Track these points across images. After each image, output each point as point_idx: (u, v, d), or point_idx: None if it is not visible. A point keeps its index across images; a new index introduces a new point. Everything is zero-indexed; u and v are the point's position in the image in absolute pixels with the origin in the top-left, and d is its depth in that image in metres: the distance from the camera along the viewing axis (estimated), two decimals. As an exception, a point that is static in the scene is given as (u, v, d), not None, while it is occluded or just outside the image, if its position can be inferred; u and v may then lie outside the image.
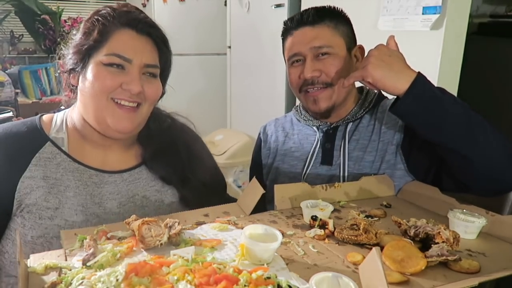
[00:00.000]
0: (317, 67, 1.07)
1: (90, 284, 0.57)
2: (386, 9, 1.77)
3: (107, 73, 0.88)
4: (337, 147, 1.11)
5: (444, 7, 1.57)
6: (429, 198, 0.95)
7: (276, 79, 2.60)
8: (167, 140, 1.01)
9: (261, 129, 1.31)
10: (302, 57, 1.09)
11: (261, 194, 0.87)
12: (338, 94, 1.08)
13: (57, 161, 0.91)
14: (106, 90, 0.88)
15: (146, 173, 0.99)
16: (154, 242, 0.69)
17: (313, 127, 1.17)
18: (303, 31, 1.09)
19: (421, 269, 0.64)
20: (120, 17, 0.90)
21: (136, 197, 0.96)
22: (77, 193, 0.90)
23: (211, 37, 3.51)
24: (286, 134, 1.23)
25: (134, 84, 0.88)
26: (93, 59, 0.89)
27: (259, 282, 0.56)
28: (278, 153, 1.22)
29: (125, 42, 0.89)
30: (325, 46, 1.06)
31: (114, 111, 0.89)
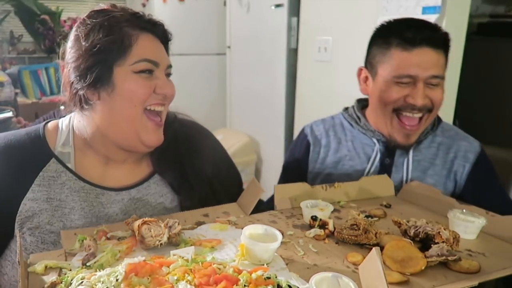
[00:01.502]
0: (427, 93, 1.00)
1: (90, 284, 0.57)
2: (385, 9, 1.77)
3: (141, 80, 0.83)
4: (397, 163, 1.08)
5: (443, 7, 1.57)
6: (429, 198, 0.95)
7: (275, 79, 2.60)
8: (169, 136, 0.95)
9: (307, 130, 1.22)
10: (413, 80, 1.00)
11: (261, 194, 0.87)
12: (427, 124, 1.06)
13: (62, 180, 0.86)
14: (143, 99, 0.83)
15: (154, 187, 0.93)
16: (154, 242, 0.69)
17: (373, 139, 1.11)
18: (426, 53, 0.99)
19: (421, 269, 0.64)
20: (135, 21, 0.85)
21: (144, 216, 0.88)
22: (82, 216, 0.85)
23: (211, 37, 3.50)
24: (339, 140, 1.16)
25: (168, 87, 0.87)
26: (118, 68, 0.82)
27: (259, 282, 0.56)
28: (329, 159, 1.16)
29: (149, 46, 0.85)
30: (440, 77, 1.00)
31: (147, 124, 0.86)
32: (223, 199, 0.97)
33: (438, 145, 1.09)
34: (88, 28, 0.82)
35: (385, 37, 1.04)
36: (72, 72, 0.83)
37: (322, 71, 2.17)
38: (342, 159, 1.14)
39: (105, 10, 0.86)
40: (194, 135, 1.04)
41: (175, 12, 3.34)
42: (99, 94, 0.83)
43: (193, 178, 0.96)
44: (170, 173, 0.95)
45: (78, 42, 0.83)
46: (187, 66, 3.48)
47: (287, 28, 2.43)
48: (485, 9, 2.52)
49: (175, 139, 0.97)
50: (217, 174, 1.01)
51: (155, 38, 0.87)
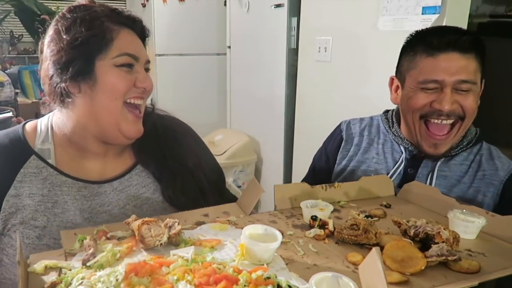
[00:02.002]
0: (455, 99, 0.97)
1: (90, 284, 0.57)
2: (386, 9, 1.77)
3: (121, 74, 0.85)
4: (420, 175, 1.05)
5: (443, 7, 1.57)
6: (429, 198, 0.95)
7: (276, 79, 2.60)
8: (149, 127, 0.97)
9: (344, 125, 1.21)
10: (440, 85, 0.97)
11: (261, 194, 0.87)
12: (460, 133, 1.01)
13: (43, 175, 0.87)
14: (124, 92, 0.85)
15: (136, 179, 0.95)
16: (154, 242, 0.69)
17: (401, 146, 1.09)
18: (451, 57, 0.96)
19: (421, 269, 0.64)
20: (115, 16, 0.88)
21: (127, 207, 0.92)
22: (66, 209, 0.86)
23: (211, 37, 3.50)
24: (370, 141, 1.15)
25: (148, 81, 0.89)
26: (99, 61, 0.84)
27: (259, 282, 0.56)
28: (356, 158, 1.15)
29: (129, 41, 0.88)
30: (470, 82, 0.96)
31: (127, 117, 0.88)
32: (206, 188, 0.99)
33: (470, 163, 1.04)
34: (69, 22, 0.84)
35: (412, 45, 1.04)
36: (51, 66, 0.84)
37: (322, 71, 2.17)
38: (369, 160, 1.13)
39: (85, 5, 0.87)
40: (173, 126, 1.05)
41: (175, 12, 3.34)
42: (80, 87, 0.84)
43: (174, 166, 0.97)
44: (152, 163, 0.96)
45: (59, 36, 0.84)
46: (187, 66, 3.48)
47: (287, 28, 2.43)
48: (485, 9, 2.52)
49: (154, 130, 0.99)
50: (198, 163, 1.03)
51: (134, 34, 0.90)
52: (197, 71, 3.52)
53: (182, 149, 1.01)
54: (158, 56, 3.34)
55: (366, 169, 1.12)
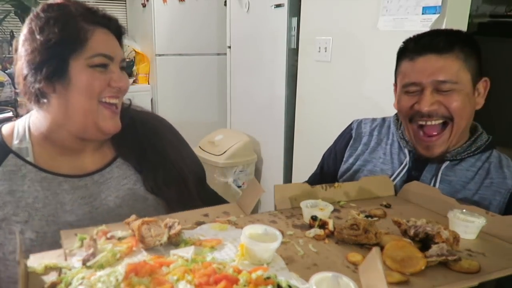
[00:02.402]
0: (436, 99, 0.97)
1: (90, 284, 0.57)
2: (386, 9, 1.77)
3: (96, 74, 0.85)
4: (424, 178, 1.04)
5: (443, 7, 1.57)
6: (429, 198, 0.95)
7: (276, 79, 2.60)
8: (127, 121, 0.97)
9: (355, 124, 1.21)
10: (420, 88, 0.99)
11: (261, 194, 0.87)
12: (455, 135, 0.99)
13: (23, 172, 0.87)
14: (97, 93, 0.86)
15: (117, 171, 0.96)
16: (154, 242, 0.69)
17: (405, 149, 1.09)
18: (428, 59, 0.97)
19: (421, 269, 0.64)
20: (90, 16, 0.87)
21: (109, 198, 0.93)
22: (47, 203, 0.87)
23: (211, 37, 3.50)
24: (379, 141, 1.15)
25: (123, 80, 0.89)
26: (73, 62, 0.84)
27: (259, 282, 0.56)
28: (363, 157, 1.15)
29: (104, 41, 0.88)
30: (449, 82, 0.95)
31: (104, 113, 0.88)
32: (188, 178, 1.00)
33: (477, 170, 1.01)
34: (42, 22, 0.83)
35: (399, 52, 1.07)
36: (26, 66, 0.84)
37: (322, 71, 2.17)
38: (376, 160, 1.13)
39: (59, 4, 0.87)
40: (151, 120, 1.06)
41: (175, 12, 3.34)
42: (55, 88, 0.85)
43: (155, 158, 0.99)
44: (132, 155, 0.98)
45: (32, 36, 0.83)
46: (187, 66, 3.48)
47: (287, 28, 2.43)
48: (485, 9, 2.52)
49: (133, 123, 1.00)
50: (178, 155, 1.04)
51: (110, 33, 0.90)
52: (197, 71, 3.52)
53: (161, 141, 1.02)
54: (158, 56, 3.34)
55: (372, 169, 1.12)
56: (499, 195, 0.98)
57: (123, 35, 0.95)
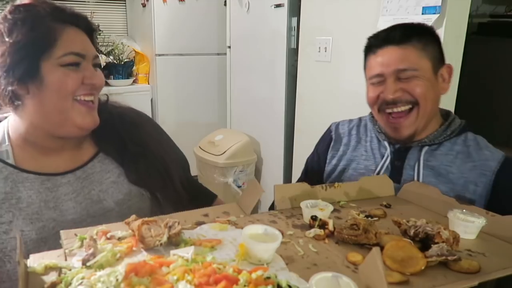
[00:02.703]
0: (399, 87, 1.02)
1: (90, 284, 0.57)
2: (386, 9, 1.77)
3: (68, 73, 0.85)
4: (407, 166, 1.08)
5: (443, 7, 1.57)
6: (429, 198, 0.95)
7: (276, 79, 2.60)
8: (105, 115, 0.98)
9: (333, 126, 1.26)
10: (384, 78, 1.05)
11: (261, 194, 0.87)
12: (421, 118, 1.03)
13: (4, 175, 0.87)
14: (71, 91, 0.86)
15: (99, 166, 0.96)
16: (154, 242, 0.69)
17: (385, 142, 1.13)
18: (388, 51, 1.04)
19: (421, 269, 0.64)
20: (58, 14, 0.87)
21: (93, 192, 0.93)
22: (30, 203, 0.87)
23: (211, 37, 3.50)
24: (359, 139, 1.19)
25: (96, 78, 0.89)
26: (45, 62, 0.84)
27: (259, 282, 0.56)
28: (346, 156, 1.18)
29: (74, 39, 0.87)
30: (410, 69, 1.01)
31: (80, 110, 0.89)
32: (170, 167, 1.01)
33: (457, 153, 1.05)
34: (10, 24, 0.83)
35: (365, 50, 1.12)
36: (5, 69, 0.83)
37: (322, 71, 2.17)
38: (358, 157, 1.16)
39: (26, 5, 0.86)
40: (128, 113, 1.06)
41: (175, 12, 3.34)
42: (28, 89, 0.85)
43: (135, 150, 0.99)
44: (112, 149, 0.98)
45: (2, 39, 0.83)
46: (187, 66, 3.48)
47: (287, 28, 2.43)
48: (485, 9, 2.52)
49: (111, 117, 1.00)
50: (158, 145, 1.05)
51: (80, 31, 0.89)
52: (197, 71, 3.52)
53: (141, 133, 1.03)
54: (158, 56, 3.34)
55: (356, 166, 1.16)
56: (484, 177, 1.00)
57: (94, 32, 0.94)
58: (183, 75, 3.48)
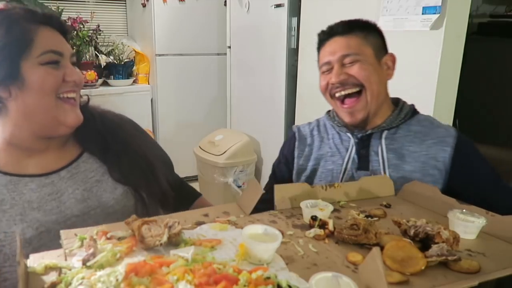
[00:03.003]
0: (344, 71, 1.10)
1: (90, 284, 0.57)
2: (386, 9, 1.77)
3: (49, 71, 0.86)
4: (372, 153, 1.13)
5: (444, 7, 1.57)
6: (429, 198, 0.95)
7: (276, 79, 2.60)
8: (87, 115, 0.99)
9: (295, 129, 1.32)
10: (331, 66, 1.13)
11: (261, 194, 0.87)
12: (371, 102, 1.10)
13: None
14: (54, 89, 0.87)
15: (84, 166, 0.97)
16: (154, 242, 0.69)
17: (347, 134, 1.18)
18: (334, 40, 1.14)
19: (421, 269, 0.64)
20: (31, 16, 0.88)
21: (77, 191, 0.93)
22: (14, 204, 0.87)
23: (211, 37, 3.50)
24: (321, 138, 1.24)
25: (76, 74, 0.90)
26: (24, 62, 0.85)
27: (259, 282, 0.56)
28: (313, 157, 1.22)
29: (50, 38, 0.89)
30: (352, 54, 1.10)
31: (64, 107, 0.89)
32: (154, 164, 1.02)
33: (415, 133, 1.13)
34: None
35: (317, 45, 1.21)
36: None
37: (322, 71, 2.17)
38: (325, 155, 1.21)
39: (3, 9, 0.88)
40: (109, 115, 1.07)
41: (175, 12, 3.34)
42: (10, 91, 0.85)
43: (117, 148, 1.00)
44: (96, 148, 0.99)
45: None
46: (187, 66, 3.48)
47: (287, 28, 2.43)
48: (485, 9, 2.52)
49: (93, 118, 1.01)
50: (140, 143, 1.06)
51: (54, 30, 0.90)
52: (197, 71, 3.52)
53: (123, 132, 1.04)
54: (158, 56, 3.34)
55: (325, 164, 1.20)
56: (443, 152, 1.08)
57: (67, 31, 0.95)
58: (183, 75, 3.48)
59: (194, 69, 3.51)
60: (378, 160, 1.12)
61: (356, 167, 1.14)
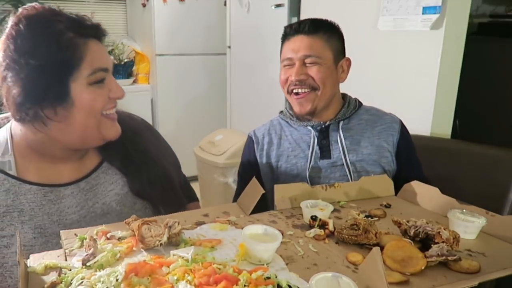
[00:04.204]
0: (304, 71, 1.18)
1: (90, 284, 0.57)
2: (386, 9, 1.77)
3: (97, 91, 0.84)
4: (333, 142, 1.22)
5: (444, 7, 1.57)
6: (429, 198, 0.95)
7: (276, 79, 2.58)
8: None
9: (251, 133, 1.36)
10: (293, 62, 1.20)
11: (261, 194, 0.87)
12: (320, 99, 1.20)
13: (6, 187, 0.84)
14: (100, 110, 0.85)
15: (103, 177, 0.94)
16: (154, 242, 0.69)
17: (308, 127, 1.25)
18: (299, 39, 1.20)
19: (421, 269, 0.64)
20: (79, 28, 0.82)
21: (96, 205, 0.91)
22: (33, 216, 0.84)
23: (211, 37, 3.50)
24: (279, 136, 1.30)
25: (120, 91, 0.89)
26: (73, 83, 0.80)
27: (259, 282, 0.56)
28: (274, 154, 1.27)
29: (98, 53, 0.85)
30: (314, 56, 1.17)
31: (106, 123, 0.88)
32: (171, 174, 1.01)
33: (365, 121, 1.25)
34: (31, 43, 0.78)
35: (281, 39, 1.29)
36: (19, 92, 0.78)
37: (322, 71, 2.17)
38: (285, 151, 1.26)
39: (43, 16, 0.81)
40: (127, 119, 1.03)
41: (175, 12, 3.34)
42: (56, 111, 0.81)
43: (138, 157, 0.98)
44: (117, 157, 0.96)
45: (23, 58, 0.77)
46: (187, 66, 3.48)
47: (287, 28, 2.43)
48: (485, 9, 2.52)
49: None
50: (158, 151, 1.04)
51: (99, 42, 0.87)
52: (197, 71, 3.52)
53: (141, 140, 1.02)
54: (158, 56, 3.34)
55: (287, 159, 1.25)
56: (391, 136, 1.23)
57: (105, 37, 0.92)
58: (183, 75, 3.48)
59: (194, 69, 3.51)
60: (338, 147, 1.21)
61: (318, 156, 1.21)
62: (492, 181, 1.43)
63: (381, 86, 1.86)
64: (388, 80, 1.84)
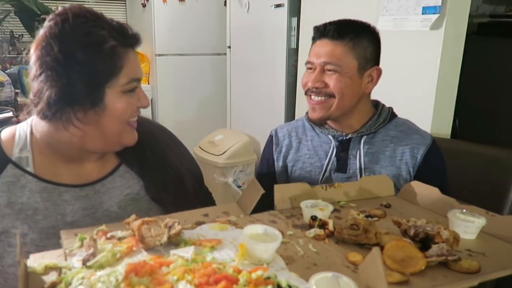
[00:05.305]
0: (322, 79, 1.13)
1: (90, 284, 0.57)
2: (386, 9, 1.77)
3: (129, 101, 0.85)
4: (351, 156, 1.17)
5: (443, 7, 1.57)
6: (429, 198, 0.95)
7: (276, 79, 2.60)
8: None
9: (273, 132, 1.33)
10: (314, 67, 1.15)
11: (261, 194, 0.87)
12: (336, 109, 1.14)
13: (22, 183, 0.84)
14: (129, 117, 0.86)
15: (120, 180, 0.94)
16: (154, 242, 0.69)
17: (329, 136, 1.20)
18: (323, 43, 1.14)
19: (421, 269, 0.64)
20: (121, 37, 0.83)
21: (111, 209, 0.91)
22: (47, 215, 0.84)
23: (211, 37, 3.50)
24: (299, 140, 1.26)
25: (146, 99, 0.89)
26: (109, 90, 0.82)
27: (259, 282, 0.56)
28: (291, 158, 1.24)
29: (135, 64, 0.86)
30: (333, 64, 1.11)
31: (128, 130, 0.89)
32: (186, 178, 1.01)
33: (391, 138, 1.17)
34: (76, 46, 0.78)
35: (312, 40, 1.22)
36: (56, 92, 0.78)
37: (322, 71, 2.17)
38: (302, 157, 1.23)
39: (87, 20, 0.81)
40: (145, 123, 1.03)
41: (175, 12, 3.34)
42: (86, 113, 0.82)
43: (154, 160, 0.97)
44: (135, 160, 0.96)
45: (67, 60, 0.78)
46: (187, 66, 3.48)
47: (287, 28, 2.43)
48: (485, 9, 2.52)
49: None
50: (175, 156, 1.04)
51: (135, 52, 0.87)
52: (197, 71, 3.52)
53: (158, 144, 1.02)
54: (158, 56, 3.34)
55: (302, 166, 1.23)
56: (414, 159, 1.14)
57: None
58: (183, 75, 3.48)
59: (194, 69, 3.51)
60: (356, 163, 1.15)
61: (334, 169, 1.17)
62: (492, 181, 1.43)
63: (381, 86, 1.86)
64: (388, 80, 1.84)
